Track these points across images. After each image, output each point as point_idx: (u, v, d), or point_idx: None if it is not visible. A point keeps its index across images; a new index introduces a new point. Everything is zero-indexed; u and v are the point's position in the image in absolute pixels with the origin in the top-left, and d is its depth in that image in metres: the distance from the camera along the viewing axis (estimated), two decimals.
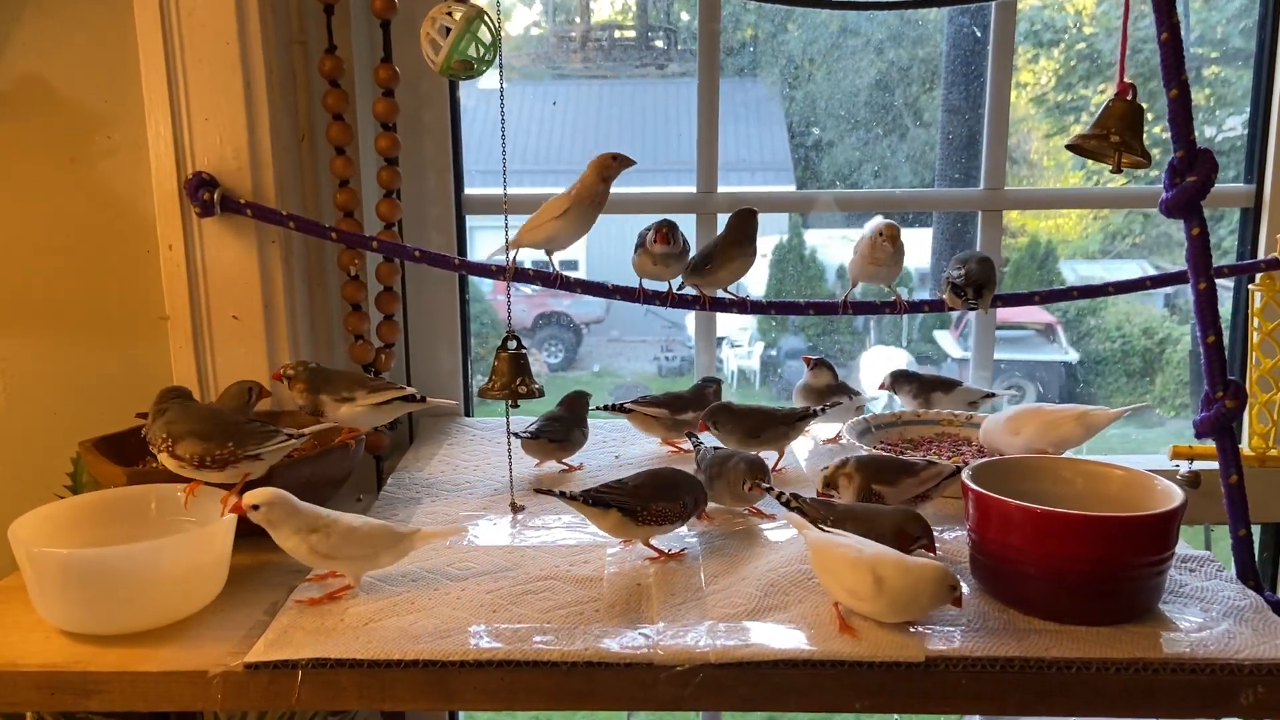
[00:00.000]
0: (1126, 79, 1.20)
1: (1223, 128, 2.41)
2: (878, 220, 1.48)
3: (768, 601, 1.07)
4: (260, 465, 1.19)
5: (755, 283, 2.99)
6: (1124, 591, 1.02)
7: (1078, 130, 1.23)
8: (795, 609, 1.05)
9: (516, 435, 1.43)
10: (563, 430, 1.48)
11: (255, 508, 1.07)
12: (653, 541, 1.20)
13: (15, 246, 1.52)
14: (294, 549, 1.08)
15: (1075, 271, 3.07)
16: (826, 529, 1.09)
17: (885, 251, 1.45)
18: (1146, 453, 1.90)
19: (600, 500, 1.15)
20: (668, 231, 1.42)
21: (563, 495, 1.15)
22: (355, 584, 1.11)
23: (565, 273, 1.50)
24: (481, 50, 1.26)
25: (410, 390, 1.37)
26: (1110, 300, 3.13)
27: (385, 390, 1.36)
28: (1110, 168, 1.19)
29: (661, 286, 1.51)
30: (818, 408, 1.49)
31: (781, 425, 1.46)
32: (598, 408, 1.56)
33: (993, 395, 1.65)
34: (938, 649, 0.97)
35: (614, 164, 1.37)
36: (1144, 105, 1.19)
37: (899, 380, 1.64)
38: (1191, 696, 0.96)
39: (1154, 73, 1.13)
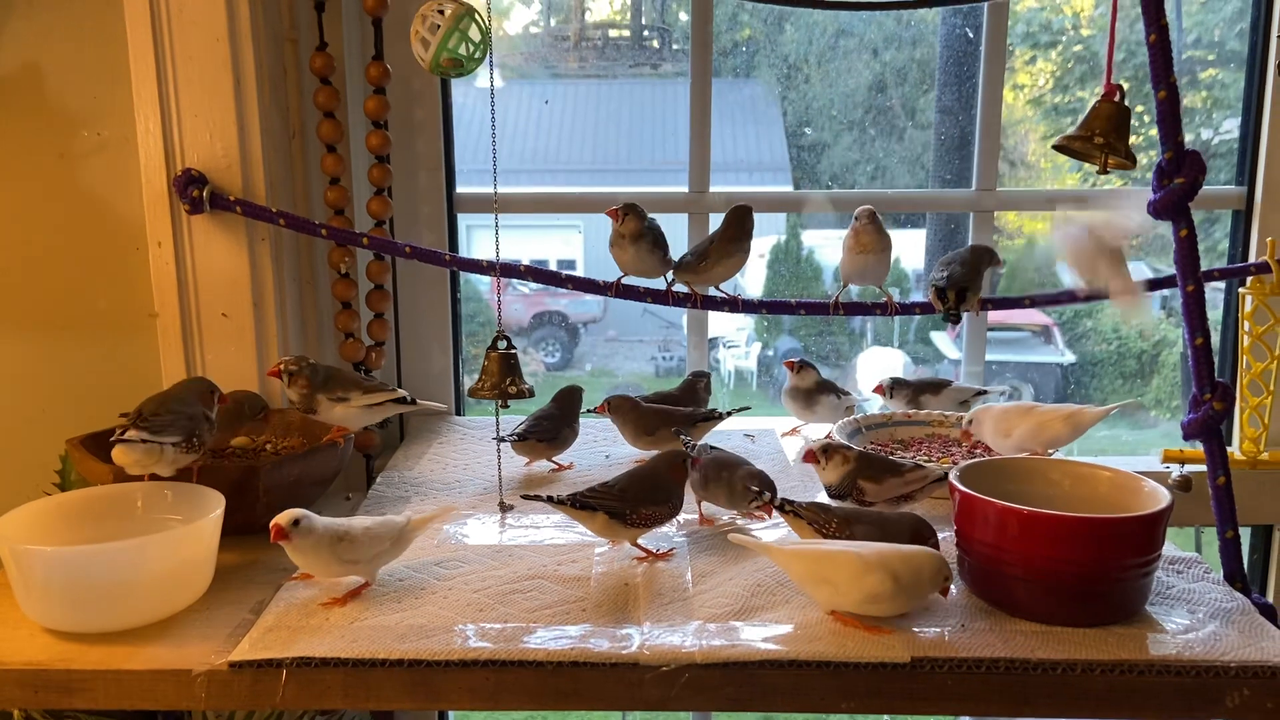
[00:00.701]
0: (1123, 82, 1.20)
1: (1219, 130, 2.40)
2: (857, 210, 1.48)
3: (755, 602, 1.07)
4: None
5: (753, 283, 2.99)
6: (1111, 593, 1.02)
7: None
8: (782, 609, 1.05)
9: (503, 440, 1.42)
10: (552, 429, 1.47)
11: (296, 523, 1.05)
12: (640, 541, 1.20)
13: (3, 243, 1.51)
14: (321, 563, 1.07)
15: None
16: (817, 540, 1.09)
17: (869, 233, 1.45)
18: (1138, 455, 1.90)
19: (586, 505, 1.14)
20: (619, 209, 1.42)
21: (550, 500, 1.15)
22: (373, 582, 1.12)
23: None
24: (471, 48, 1.26)
25: (402, 393, 1.37)
26: (1106, 302, 3.13)
27: (378, 391, 1.36)
28: (1096, 169, 1.19)
29: (658, 284, 1.51)
30: (724, 411, 1.50)
31: (679, 426, 1.45)
32: (585, 411, 1.56)
33: (984, 392, 1.65)
34: (923, 650, 0.97)
35: None
36: (1130, 107, 1.19)
37: (898, 385, 1.64)
38: (1177, 698, 0.96)
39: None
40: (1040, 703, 0.97)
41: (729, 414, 1.52)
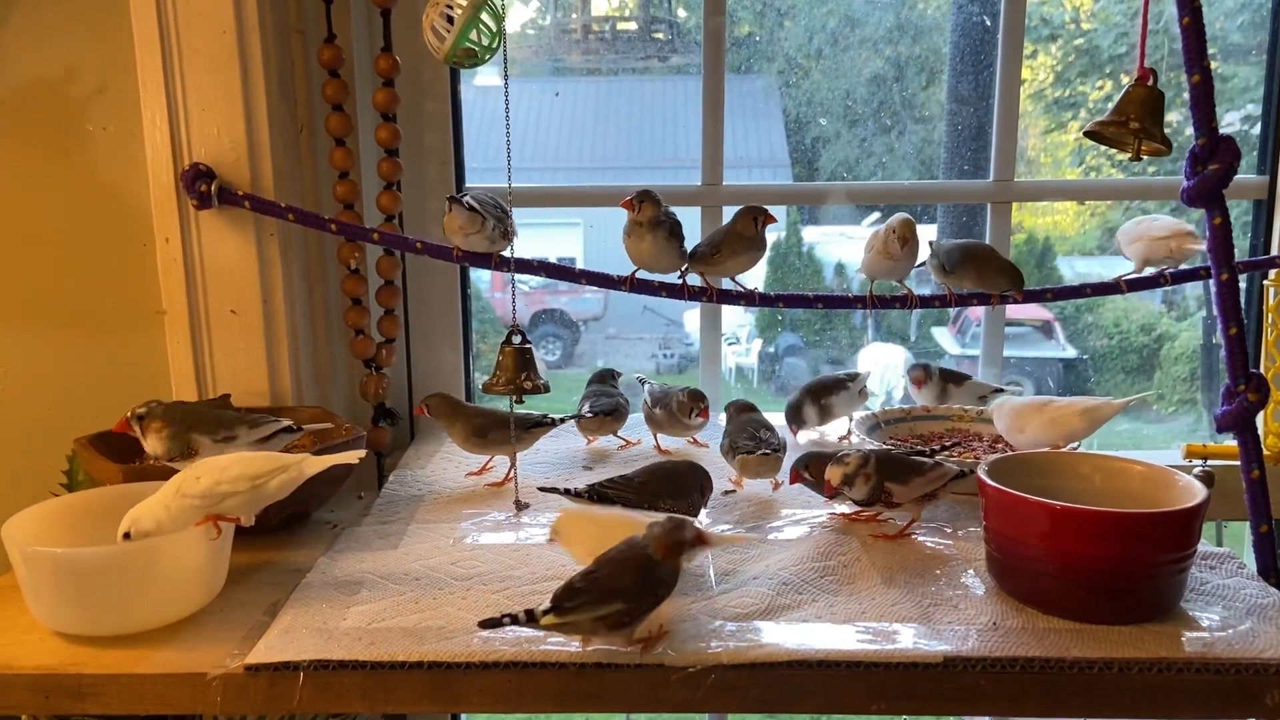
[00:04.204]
0: (1125, 75, 1.18)
1: (1222, 123, 2.39)
2: (894, 218, 1.45)
3: (780, 601, 1.04)
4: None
5: (753, 280, 2.96)
6: (1145, 590, 1.00)
7: (1076, 126, 1.21)
8: (810, 608, 1.03)
9: (580, 417, 1.51)
10: (611, 402, 1.53)
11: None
12: None
13: (9, 240, 1.49)
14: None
15: (1073, 268, 3.04)
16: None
17: (895, 248, 1.43)
18: (1149, 448, 1.88)
19: (603, 496, 1.12)
20: (633, 199, 1.40)
21: (566, 492, 1.13)
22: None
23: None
24: (488, 39, 1.23)
25: (288, 422, 1.27)
26: (1108, 296, 3.11)
27: (266, 424, 1.25)
28: (1129, 156, 1.17)
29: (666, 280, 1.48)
30: (557, 417, 1.45)
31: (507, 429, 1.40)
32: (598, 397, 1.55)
33: (1002, 390, 1.63)
34: (956, 649, 0.95)
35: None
36: (1164, 92, 1.16)
37: (929, 372, 1.61)
38: (1215, 697, 0.94)
39: (1156, 66, 1.11)
40: (1074, 702, 0.94)
41: (562, 420, 1.47)
